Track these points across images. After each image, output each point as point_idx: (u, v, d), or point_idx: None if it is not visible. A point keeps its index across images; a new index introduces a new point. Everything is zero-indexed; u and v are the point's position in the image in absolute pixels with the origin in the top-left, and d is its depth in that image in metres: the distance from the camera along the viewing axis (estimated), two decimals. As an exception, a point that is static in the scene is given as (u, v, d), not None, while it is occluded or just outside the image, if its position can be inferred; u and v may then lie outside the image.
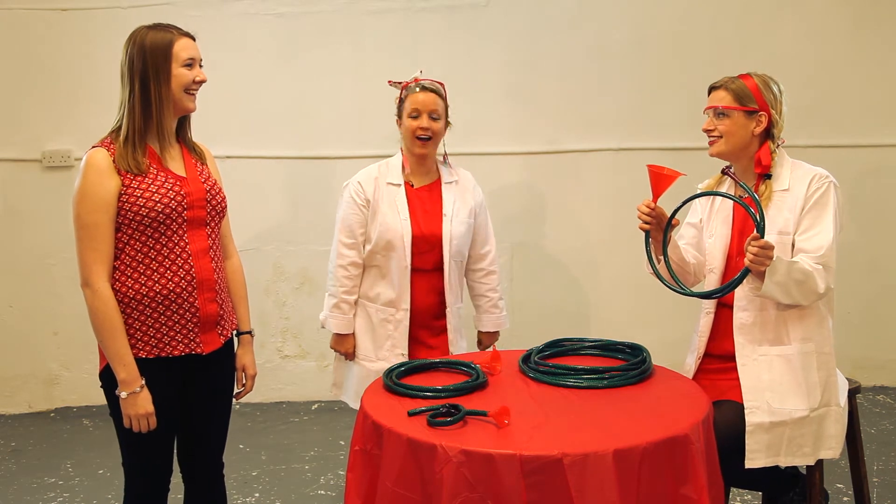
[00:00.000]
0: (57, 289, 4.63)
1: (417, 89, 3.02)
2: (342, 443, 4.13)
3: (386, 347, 3.07)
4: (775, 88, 2.54)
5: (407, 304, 3.04)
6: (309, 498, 3.60)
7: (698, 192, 2.61)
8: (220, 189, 2.45)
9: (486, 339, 3.28)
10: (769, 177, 2.52)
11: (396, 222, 3.02)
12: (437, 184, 3.13)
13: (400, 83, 3.10)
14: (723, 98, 2.52)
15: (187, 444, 2.48)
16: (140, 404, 2.25)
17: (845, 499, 3.42)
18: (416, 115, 3.01)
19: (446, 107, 3.08)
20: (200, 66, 2.35)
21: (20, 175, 4.58)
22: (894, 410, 4.43)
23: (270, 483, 3.75)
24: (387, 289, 3.06)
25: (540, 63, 4.54)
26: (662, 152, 4.51)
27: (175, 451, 2.45)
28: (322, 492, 3.65)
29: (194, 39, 2.36)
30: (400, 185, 3.08)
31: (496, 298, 3.24)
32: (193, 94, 2.33)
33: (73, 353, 4.69)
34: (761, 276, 2.32)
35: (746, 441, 2.41)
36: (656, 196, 2.43)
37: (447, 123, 3.09)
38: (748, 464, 2.40)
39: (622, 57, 4.53)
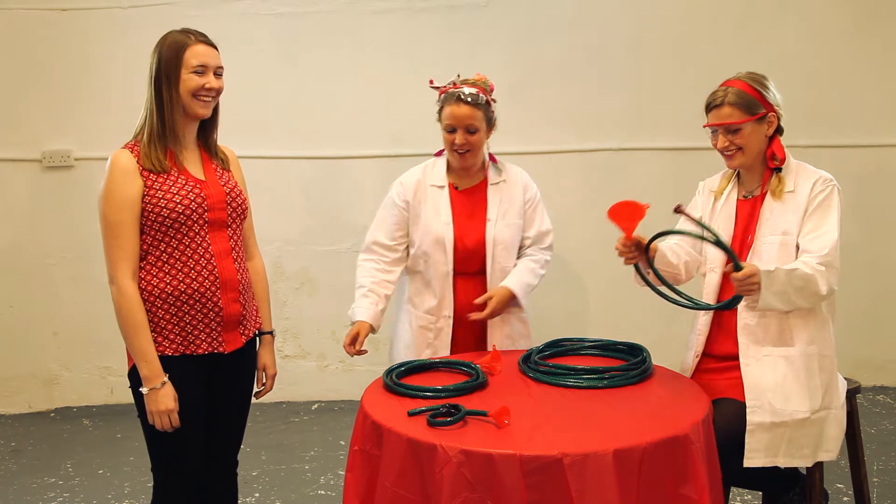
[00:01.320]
0: (57, 289, 4.63)
1: (454, 100, 2.84)
2: (342, 443, 4.13)
3: (425, 355, 2.91)
4: (768, 83, 2.51)
5: (449, 311, 2.92)
6: (309, 498, 3.60)
7: (676, 228, 2.60)
8: (241, 192, 2.48)
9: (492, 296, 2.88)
10: (779, 170, 2.52)
11: (439, 226, 2.91)
12: (482, 185, 2.98)
13: (439, 87, 2.94)
14: (731, 114, 2.46)
15: (205, 441, 2.47)
16: (161, 400, 2.27)
17: (845, 499, 3.42)
18: (451, 129, 2.86)
19: (487, 114, 2.88)
20: (217, 74, 2.36)
21: (20, 175, 4.58)
22: (894, 410, 4.43)
23: (270, 483, 3.75)
24: (429, 296, 2.94)
25: (540, 63, 4.54)
26: (662, 152, 4.53)
27: (201, 450, 2.45)
28: (322, 492, 3.65)
29: (215, 48, 2.37)
30: (443, 186, 2.96)
31: (524, 265, 2.97)
32: (204, 101, 2.34)
33: (73, 353, 4.69)
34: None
35: (746, 440, 2.40)
36: (629, 233, 2.41)
37: (491, 128, 2.93)
38: (747, 462, 2.40)
39: (622, 57, 4.53)
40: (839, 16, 4.52)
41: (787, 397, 2.42)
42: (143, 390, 2.27)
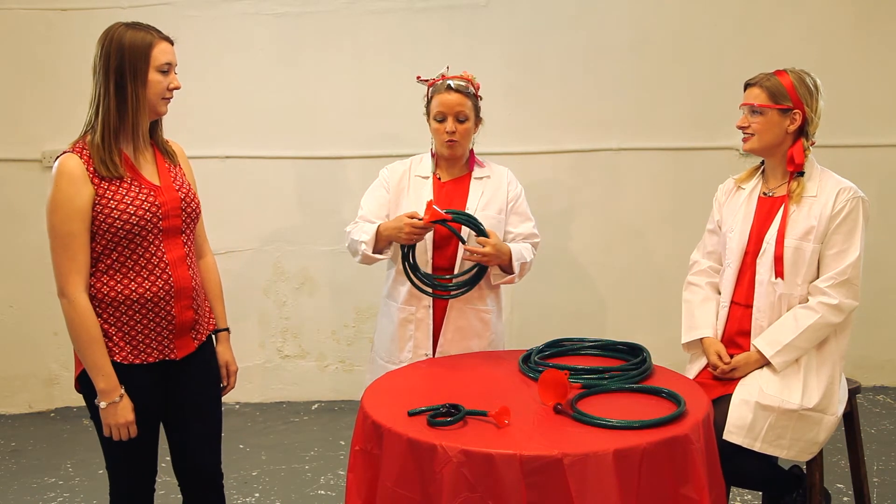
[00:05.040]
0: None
1: (444, 88, 2.87)
2: (342, 443, 4.13)
3: (407, 349, 2.89)
4: (811, 85, 2.56)
5: (429, 301, 2.87)
6: (309, 498, 3.60)
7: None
8: (195, 194, 2.39)
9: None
10: (801, 174, 2.56)
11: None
12: (466, 177, 2.97)
13: (427, 80, 2.96)
14: (757, 96, 2.54)
15: (179, 450, 2.43)
16: (120, 413, 2.22)
17: (845, 499, 3.42)
18: (441, 117, 2.86)
19: (476, 106, 2.91)
20: (175, 72, 2.30)
21: (20, 175, 4.58)
22: (894, 410, 4.43)
23: (270, 483, 3.74)
24: (408, 286, 2.87)
25: (540, 63, 4.54)
26: (662, 152, 4.52)
27: (157, 452, 2.41)
28: (322, 492, 3.65)
29: (173, 44, 2.30)
30: (428, 177, 2.95)
31: (519, 244, 2.91)
32: (167, 100, 2.28)
33: (73, 353, 4.66)
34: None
35: (729, 414, 2.42)
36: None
37: (478, 121, 2.93)
38: (725, 436, 2.41)
39: (622, 57, 4.53)
40: (839, 15, 4.51)
41: (779, 387, 2.44)
42: (102, 405, 2.21)
